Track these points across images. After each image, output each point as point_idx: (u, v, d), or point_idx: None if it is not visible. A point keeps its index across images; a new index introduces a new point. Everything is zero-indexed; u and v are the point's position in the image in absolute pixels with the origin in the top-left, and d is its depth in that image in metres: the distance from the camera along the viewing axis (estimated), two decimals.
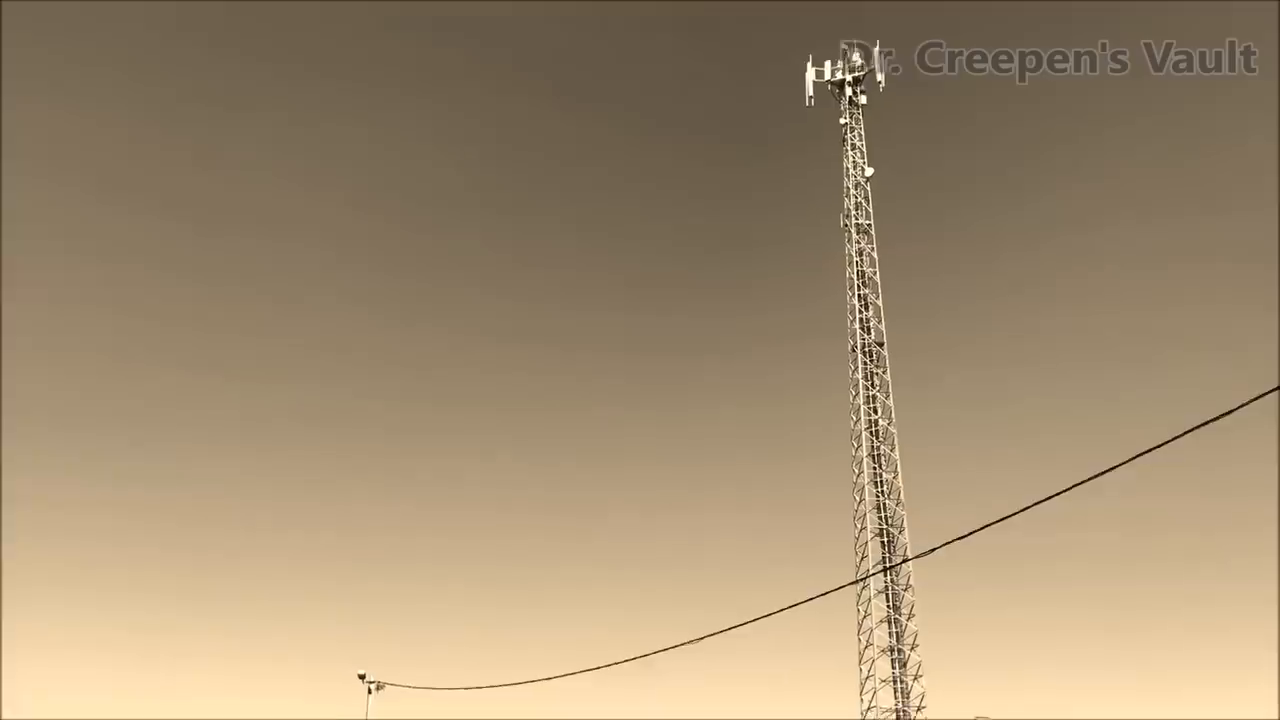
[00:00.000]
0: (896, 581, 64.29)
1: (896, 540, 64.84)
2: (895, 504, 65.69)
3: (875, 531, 64.89)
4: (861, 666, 64.00)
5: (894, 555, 63.34)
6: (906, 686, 63.17)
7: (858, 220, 71.98)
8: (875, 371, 69.01)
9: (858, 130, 73.05)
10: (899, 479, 66.49)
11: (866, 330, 69.77)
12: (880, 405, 68.12)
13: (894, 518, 65.32)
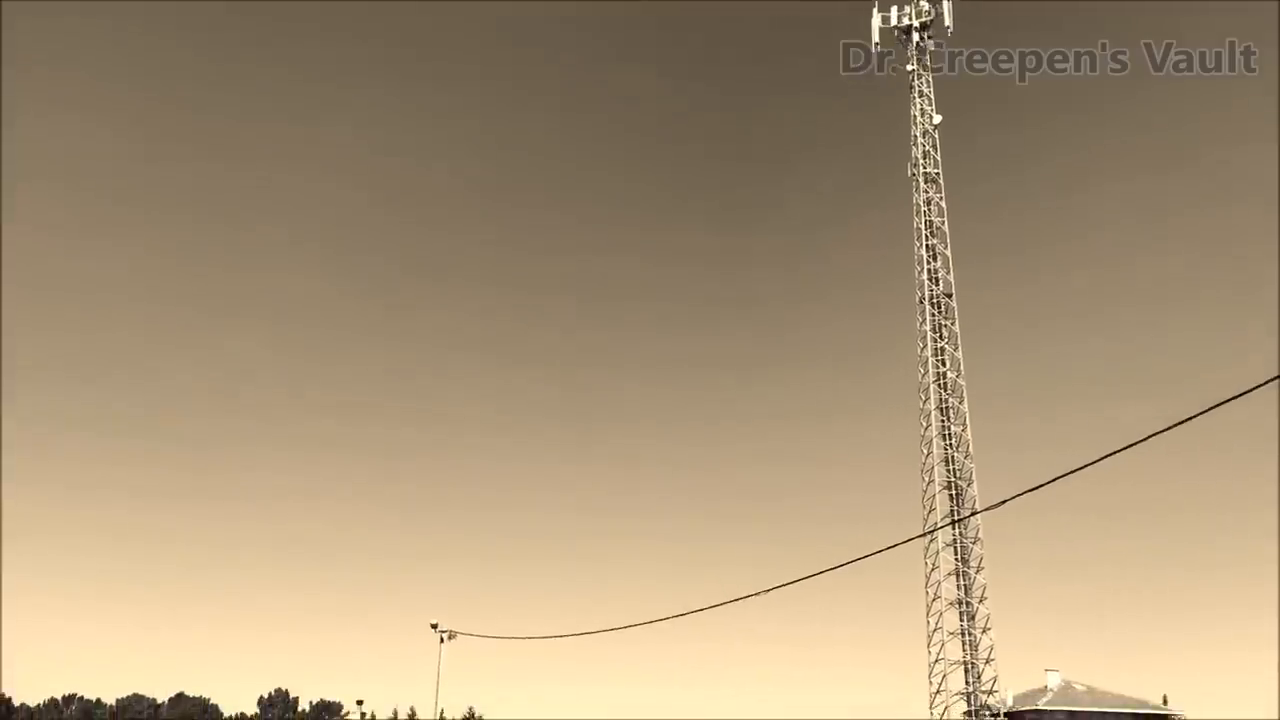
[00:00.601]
0: (965, 534, 63.90)
1: (965, 493, 64.43)
2: (964, 457, 65.22)
3: (943, 485, 64.54)
4: (929, 619, 64.03)
5: (962, 508, 62.93)
6: (974, 639, 62.99)
7: (925, 169, 70.80)
8: (944, 323, 68.22)
9: (925, 77, 71.65)
10: (967, 432, 65.95)
11: (935, 281, 68.94)
12: (949, 358, 67.43)
13: (962, 471, 64.87)
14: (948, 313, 68.27)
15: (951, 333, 67.79)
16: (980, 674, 62.67)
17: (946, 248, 69.28)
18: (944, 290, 68.63)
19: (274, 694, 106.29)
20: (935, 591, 63.23)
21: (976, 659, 62.77)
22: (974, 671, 62.80)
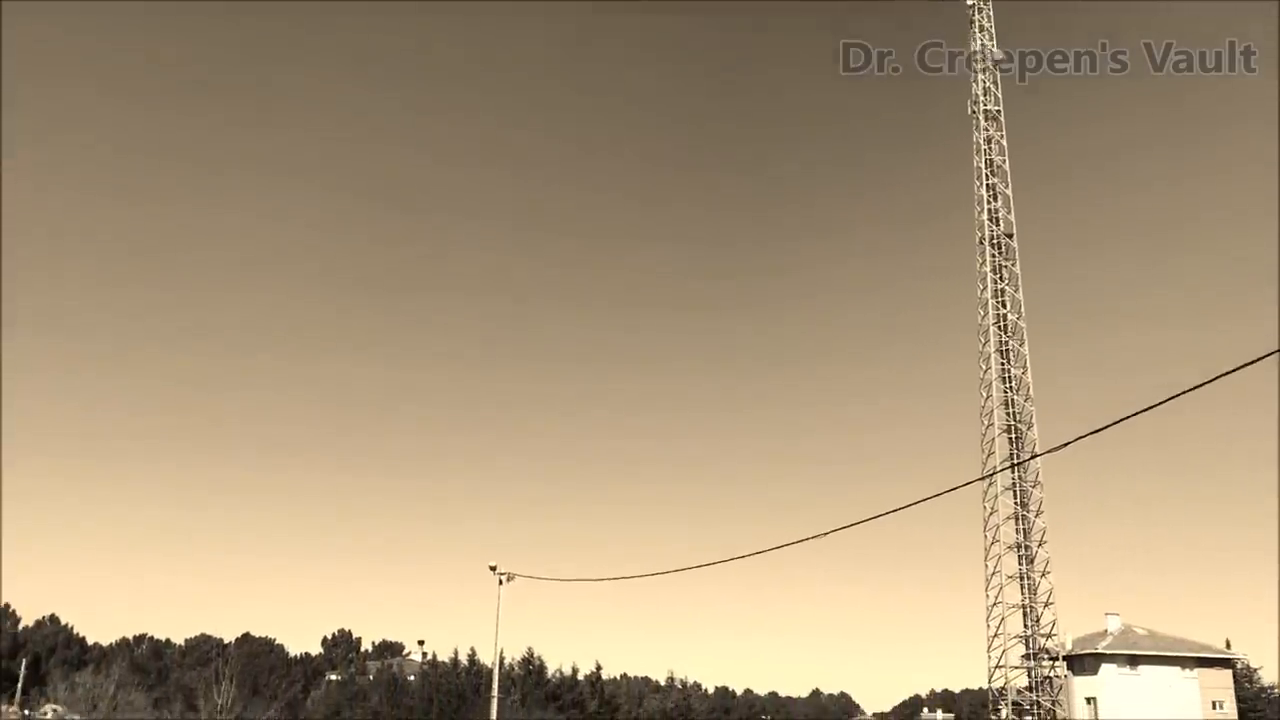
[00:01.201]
0: (1024, 478, 63.24)
1: (1025, 436, 63.69)
2: (1024, 400, 64.38)
3: (1003, 428, 63.82)
4: (987, 563, 63.65)
5: (1022, 452, 62.24)
6: (1033, 582, 62.58)
7: (986, 106, 69.24)
8: (1004, 264, 67.07)
9: (986, 10, 69.78)
10: (1028, 375, 65.05)
11: (995, 221, 67.69)
12: (1009, 299, 66.35)
13: (1022, 414, 64.06)
14: (1008, 253, 67.11)
15: (1012, 274, 66.68)
16: (1039, 617, 62.34)
17: (1007, 186, 67.94)
18: (1004, 230, 67.41)
19: (337, 634, 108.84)
20: (994, 535, 62.83)
21: (1035, 603, 62.40)
22: (1032, 615, 62.48)
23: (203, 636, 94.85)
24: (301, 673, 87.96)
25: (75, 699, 18.14)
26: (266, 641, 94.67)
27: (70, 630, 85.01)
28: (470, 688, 59.99)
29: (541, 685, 64.06)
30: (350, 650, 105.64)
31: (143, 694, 25.59)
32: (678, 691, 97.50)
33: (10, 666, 47.46)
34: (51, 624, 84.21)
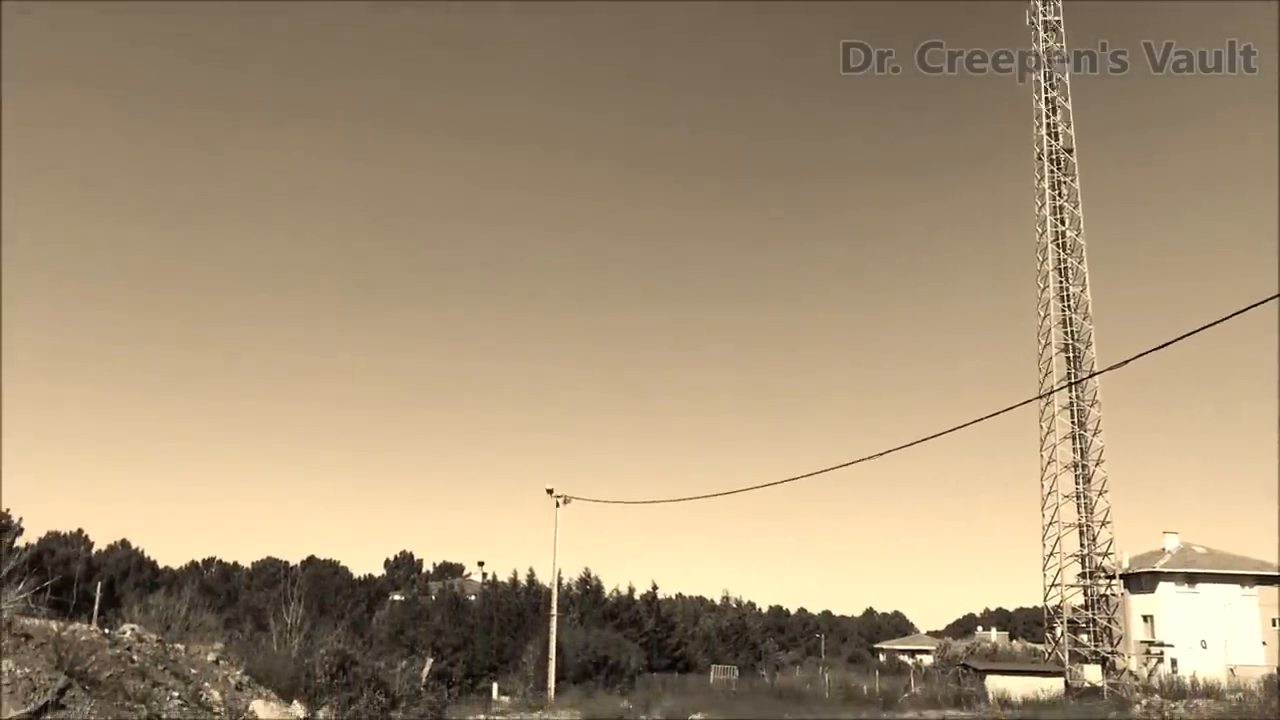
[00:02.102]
0: (1082, 397, 62.60)
1: (1083, 355, 62.86)
2: (1082, 318, 63.43)
3: (1060, 347, 63.02)
4: (1043, 482, 63.35)
5: (1080, 371, 61.50)
6: (1090, 502, 62.28)
7: (1045, 15, 67.26)
8: (1063, 180, 65.67)
9: None
10: (1087, 293, 64.01)
11: (1054, 136, 66.15)
12: (1068, 216, 65.07)
13: (1080, 332, 63.18)
14: (1067, 169, 65.65)
15: (1071, 190, 65.30)
16: (1095, 537, 62.12)
17: (1067, 100, 66.24)
18: (1064, 145, 65.88)
19: (399, 556, 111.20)
20: (1050, 455, 62.44)
21: (1092, 522, 62.15)
22: (1089, 534, 62.27)
23: (269, 559, 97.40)
24: (366, 593, 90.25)
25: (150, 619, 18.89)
26: (331, 564, 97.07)
27: (141, 554, 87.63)
28: (529, 607, 61.20)
29: (599, 604, 65.15)
30: (412, 572, 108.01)
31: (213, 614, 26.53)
32: (733, 610, 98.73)
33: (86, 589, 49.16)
34: (123, 548, 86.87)
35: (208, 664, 16.99)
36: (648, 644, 61.78)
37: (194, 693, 15.04)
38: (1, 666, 11.91)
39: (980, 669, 54.91)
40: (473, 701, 35.40)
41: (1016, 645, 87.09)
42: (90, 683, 12.76)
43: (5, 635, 12.68)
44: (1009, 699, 45.63)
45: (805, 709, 36.10)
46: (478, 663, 54.74)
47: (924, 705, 43.44)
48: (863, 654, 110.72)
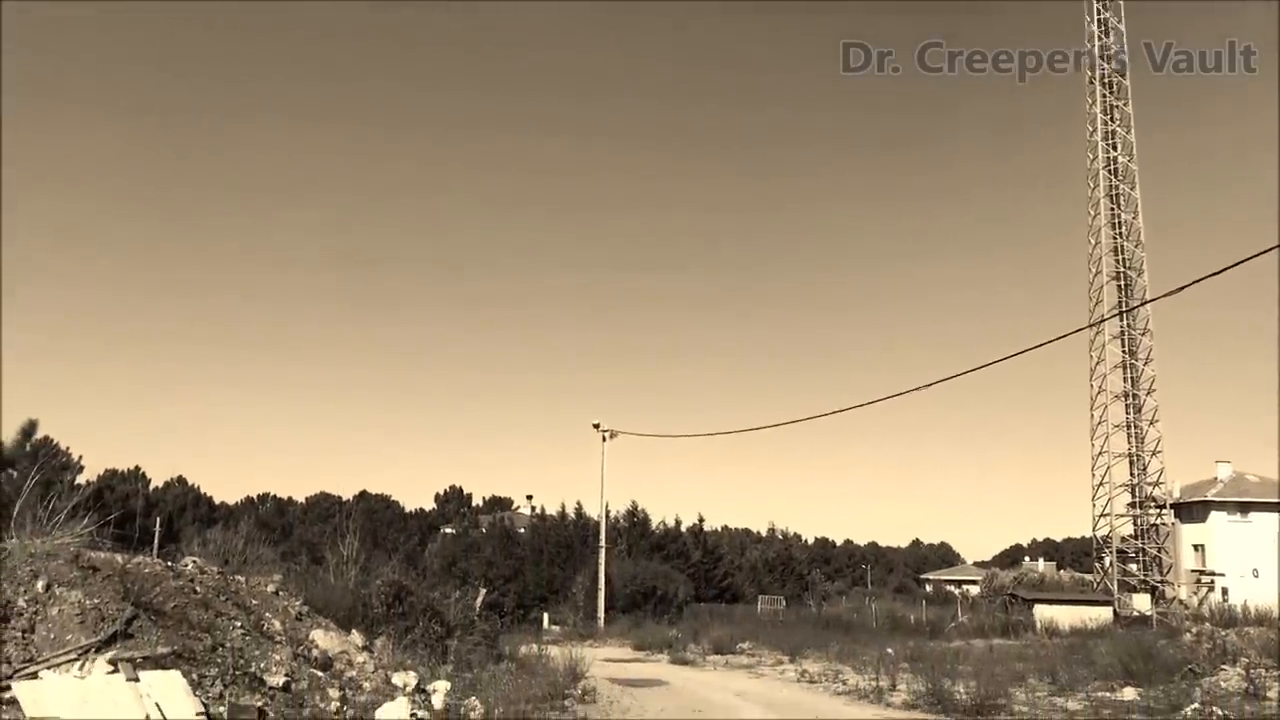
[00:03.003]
0: (1133, 326, 61.72)
1: (1134, 283, 61.87)
2: (1134, 246, 62.31)
3: (1111, 275, 62.01)
4: (1093, 412, 62.82)
5: (1131, 299, 60.56)
6: (1141, 431, 61.69)
7: None
8: (1115, 105, 64.12)
9: None
10: (1139, 219, 62.81)
11: (1106, 59, 64.47)
12: (1120, 141, 63.64)
13: (1132, 260, 62.10)
14: (1120, 93, 64.07)
15: (1124, 114, 63.78)
16: (1146, 466, 61.63)
17: (1120, 22, 64.41)
18: (1116, 69, 64.23)
19: (449, 491, 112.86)
20: (1101, 385, 61.80)
21: (1142, 451, 61.61)
22: (1139, 464, 61.78)
23: (322, 495, 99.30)
24: (418, 527, 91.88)
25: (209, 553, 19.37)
26: (383, 499, 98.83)
27: (198, 490, 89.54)
28: (578, 539, 62.03)
29: (646, 537, 65.87)
30: (462, 505, 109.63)
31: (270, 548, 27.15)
32: (779, 542, 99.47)
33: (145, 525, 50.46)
34: (180, 485, 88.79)
35: (268, 595, 17.42)
36: (695, 575, 62.49)
37: (256, 622, 15.44)
38: (71, 597, 12.29)
39: (1028, 598, 54.99)
40: (524, 631, 35.95)
41: (1064, 575, 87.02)
42: (156, 613, 13.14)
43: (74, 567, 13.06)
44: (1057, 628, 45.71)
45: (852, 638, 36.36)
46: (528, 593, 55.70)
47: (971, 634, 43.62)
48: (909, 584, 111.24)
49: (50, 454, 22.12)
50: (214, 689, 12.17)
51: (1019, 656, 29.05)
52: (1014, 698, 19.08)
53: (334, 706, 13.72)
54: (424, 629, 19.79)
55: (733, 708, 18.85)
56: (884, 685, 21.46)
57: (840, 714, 18.08)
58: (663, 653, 34.08)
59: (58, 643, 11.66)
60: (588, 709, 17.57)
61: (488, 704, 15.16)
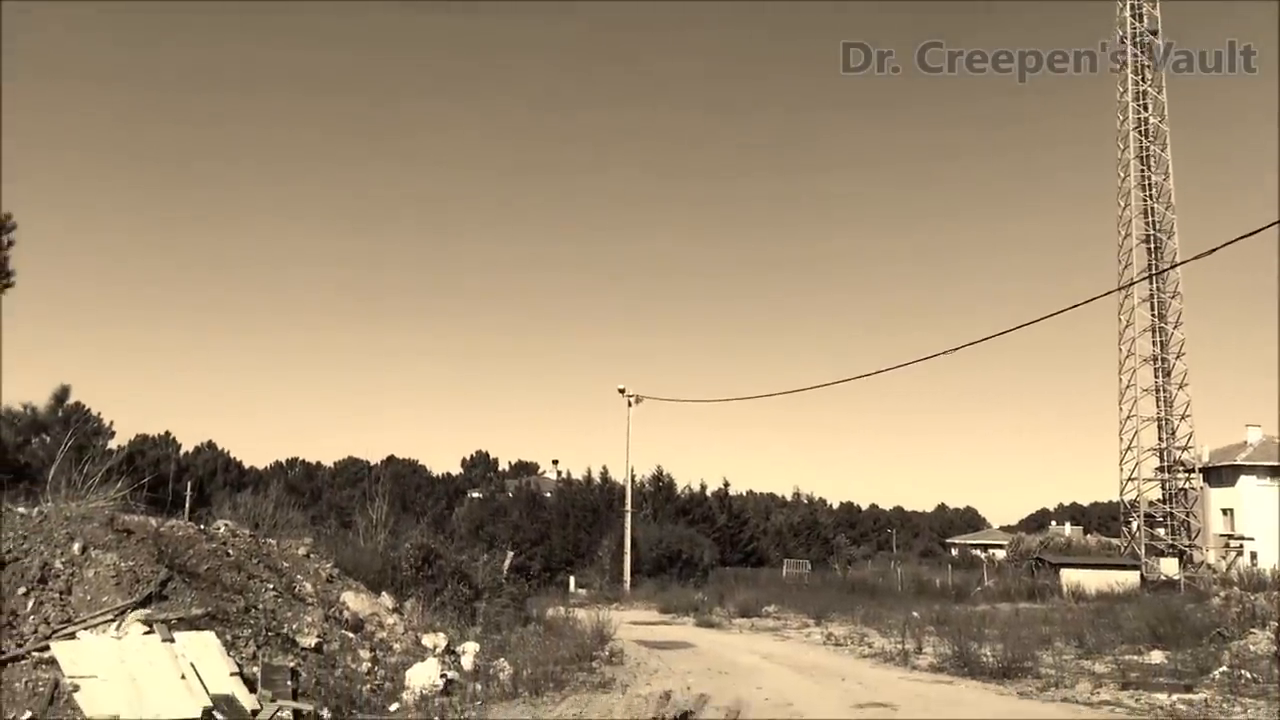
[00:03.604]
0: (1163, 289, 61.13)
1: (1164, 246, 61.19)
2: (1164, 208, 61.58)
3: (1141, 238, 61.38)
4: (1121, 376, 62.40)
5: (1161, 261, 59.92)
6: (1170, 395, 61.24)
7: None
8: (1146, 65, 63.16)
9: None
10: (1169, 181, 62.02)
11: (1138, 17, 63.42)
12: (1151, 101, 62.75)
13: (1162, 222, 61.40)
14: (1152, 53, 63.06)
15: (1156, 74, 62.82)
16: (1174, 430, 61.23)
17: None
18: (1148, 26, 63.19)
19: (475, 455, 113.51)
20: (1129, 349, 61.33)
21: (1171, 415, 61.18)
22: (1168, 428, 61.37)
23: (350, 459, 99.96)
24: (445, 491, 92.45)
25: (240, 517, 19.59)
26: (410, 463, 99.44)
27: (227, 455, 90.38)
28: (603, 503, 62.31)
29: (671, 501, 66.12)
30: (488, 470, 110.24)
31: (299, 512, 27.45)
32: (804, 507, 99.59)
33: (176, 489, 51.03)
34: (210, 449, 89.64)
35: (299, 558, 17.62)
36: (720, 539, 62.72)
37: (287, 585, 15.64)
38: (107, 559, 12.47)
39: (1054, 562, 54.91)
40: (551, 594, 36.25)
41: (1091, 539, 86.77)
42: (190, 575, 13.32)
43: (109, 530, 13.24)
44: (1083, 592, 45.65)
45: (877, 602, 36.45)
46: (555, 557, 56.09)
47: (997, 598, 43.65)
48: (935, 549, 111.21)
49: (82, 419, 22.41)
50: (247, 649, 12.35)
51: (1045, 620, 29.06)
52: (1041, 660, 19.09)
53: (365, 667, 13.90)
54: (453, 591, 19.98)
55: (759, 670, 18.96)
56: (910, 648, 21.51)
57: (866, 676, 18.15)
58: (688, 616, 34.26)
59: (94, 604, 11.85)
60: (615, 670, 17.70)
61: (516, 665, 15.32)
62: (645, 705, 13.01)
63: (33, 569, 11.92)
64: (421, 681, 13.42)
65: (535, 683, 14.51)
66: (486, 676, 14.73)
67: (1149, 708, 14.39)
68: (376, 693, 13.11)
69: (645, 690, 14.98)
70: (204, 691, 10.87)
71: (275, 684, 11.79)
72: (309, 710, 11.55)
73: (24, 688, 10.16)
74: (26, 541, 12.29)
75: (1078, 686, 16.48)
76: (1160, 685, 16.12)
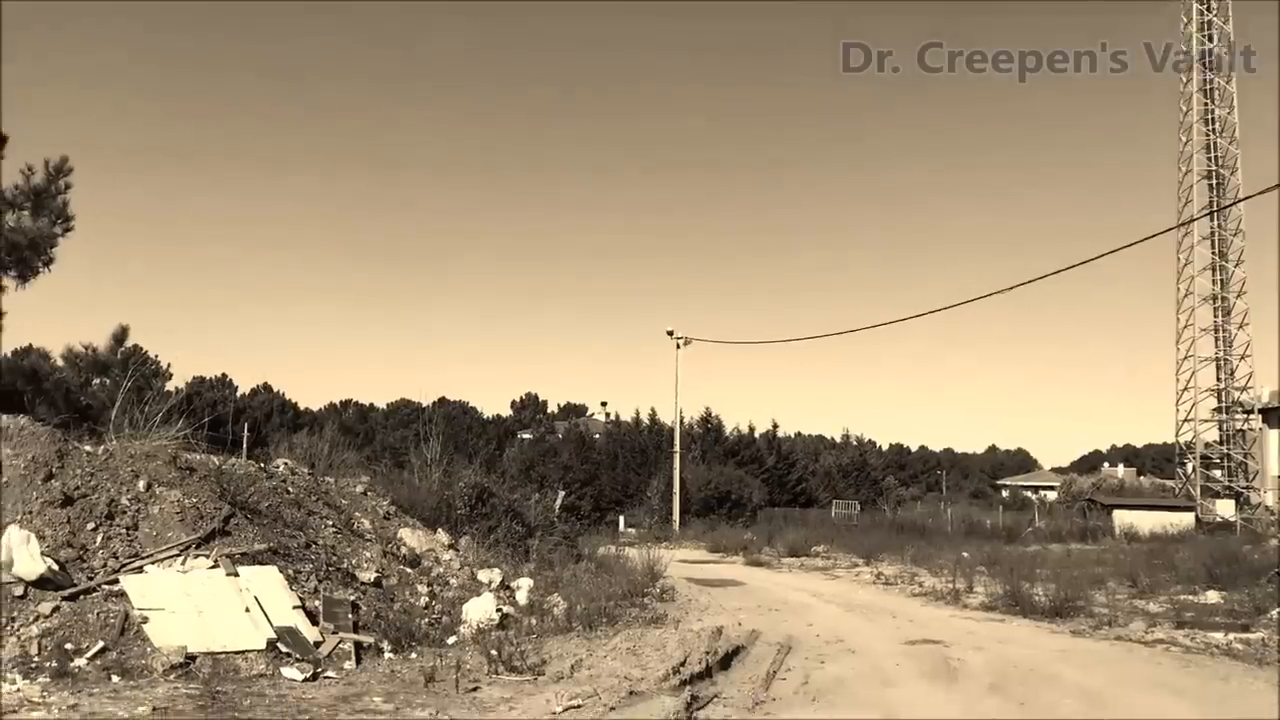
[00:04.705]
0: (1224, 226, 59.77)
1: (1227, 182, 59.69)
2: (1228, 142, 59.98)
3: (1203, 174, 59.90)
4: (1179, 315, 61.25)
5: (1223, 198, 58.50)
6: (1229, 335, 60.12)
7: None
8: None
9: None
10: (1234, 114, 60.31)
11: None
12: (1216, 31, 60.85)
13: (1225, 157, 59.84)
14: None
15: (1221, 3, 60.84)
16: (1233, 370, 60.21)
17: None
18: None
19: (525, 397, 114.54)
20: (1188, 287, 60.18)
21: (1230, 355, 60.11)
22: (1226, 368, 60.34)
23: (403, 401, 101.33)
24: (495, 432, 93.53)
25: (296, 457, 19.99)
26: (461, 405, 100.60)
27: (283, 396, 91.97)
28: (652, 445, 62.61)
29: (720, 443, 66.25)
30: (538, 412, 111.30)
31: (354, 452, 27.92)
32: (853, 448, 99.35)
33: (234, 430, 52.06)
34: (265, 391, 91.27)
35: (356, 495, 17.93)
36: (768, 480, 62.85)
37: (346, 521, 15.94)
38: (171, 496, 12.77)
39: (1107, 504, 54.48)
40: (601, 533, 36.63)
41: (1144, 481, 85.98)
42: (252, 511, 13.62)
43: (172, 468, 13.54)
44: (1136, 533, 45.30)
45: (927, 542, 36.42)
46: (604, 497, 56.55)
47: (1048, 539, 43.40)
48: (985, 490, 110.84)
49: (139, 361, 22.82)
50: (309, 584, 12.64)
51: (1098, 561, 28.88)
52: (1093, 600, 19.03)
53: (423, 601, 14.17)
54: (506, 529, 20.26)
55: (810, 607, 19.09)
56: (960, 587, 21.53)
57: (917, 614, 18.21)
58: (738, 555, 34.49)
59: (160, 539, 12.17)
60: (667, 606, 17.92)
61: (570, 600, 15.53)
62: (698, 640, 13.15)
63: (100, 505, 12.24)
64: (478, 615, 13.67)
65: (589, 618, 14.72)
66: (541, 611, 14.96)
67: (1204, 646, 14.32)
68: (434, 626, 13.38)
69: (697, 625, 15.15)
70: (268, 624, 11.15)
71: (336, 617, 12.08)
72: (370, 642, 11.83)
73: (96, 619, 10.48)
74: (93, 479, 12.61)
75: (1131, 625, 16.42)
76: (1216, 624, 16.02)
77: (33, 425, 13.42)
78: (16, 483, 12.02)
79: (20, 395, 19.28)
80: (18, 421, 13.38)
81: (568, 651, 12.46)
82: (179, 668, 10.07)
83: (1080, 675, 11.68)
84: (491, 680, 10.57)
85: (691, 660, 11.75)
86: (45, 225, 19.47)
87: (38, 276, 19.82)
